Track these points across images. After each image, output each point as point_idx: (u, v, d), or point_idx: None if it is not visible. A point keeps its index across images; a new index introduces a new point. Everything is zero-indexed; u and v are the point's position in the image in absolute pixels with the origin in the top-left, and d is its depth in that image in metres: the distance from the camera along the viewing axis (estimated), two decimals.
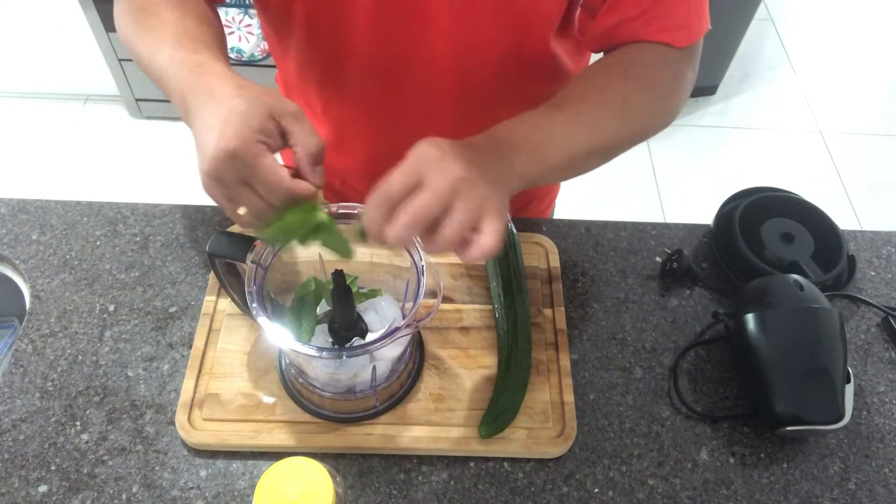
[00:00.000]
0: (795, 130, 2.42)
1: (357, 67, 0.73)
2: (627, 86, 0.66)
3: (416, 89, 0.74)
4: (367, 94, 0.76)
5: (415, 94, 0.75)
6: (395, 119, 0.78)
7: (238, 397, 0.69)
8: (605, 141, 0.65)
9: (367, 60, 0.72)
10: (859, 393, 0.74)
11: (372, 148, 0.83)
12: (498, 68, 0.72)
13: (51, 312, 0.75)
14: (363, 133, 0.82)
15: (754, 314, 0.70)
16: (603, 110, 0.64)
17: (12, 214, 0.84)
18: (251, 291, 0.58)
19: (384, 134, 0.80)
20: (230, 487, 0.65)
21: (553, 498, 0.65)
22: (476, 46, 0.69)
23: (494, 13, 0.66)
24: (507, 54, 0.71)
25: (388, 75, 0.73)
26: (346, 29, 0.69)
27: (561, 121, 0.62)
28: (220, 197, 0.53)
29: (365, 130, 0.82)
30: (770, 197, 0.86)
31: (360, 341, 0.65)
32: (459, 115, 0.75)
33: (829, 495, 0.67)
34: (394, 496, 0.65)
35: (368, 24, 0.68)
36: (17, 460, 0.65)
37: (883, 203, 2.21)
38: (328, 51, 0.73)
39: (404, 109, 0.76)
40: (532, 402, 0.69)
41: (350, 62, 0.73)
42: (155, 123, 2.24)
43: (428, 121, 0.75)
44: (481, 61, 0.71)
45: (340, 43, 0.71)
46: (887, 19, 2.85)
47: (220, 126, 0.50)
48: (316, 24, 0.70)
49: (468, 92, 0.74)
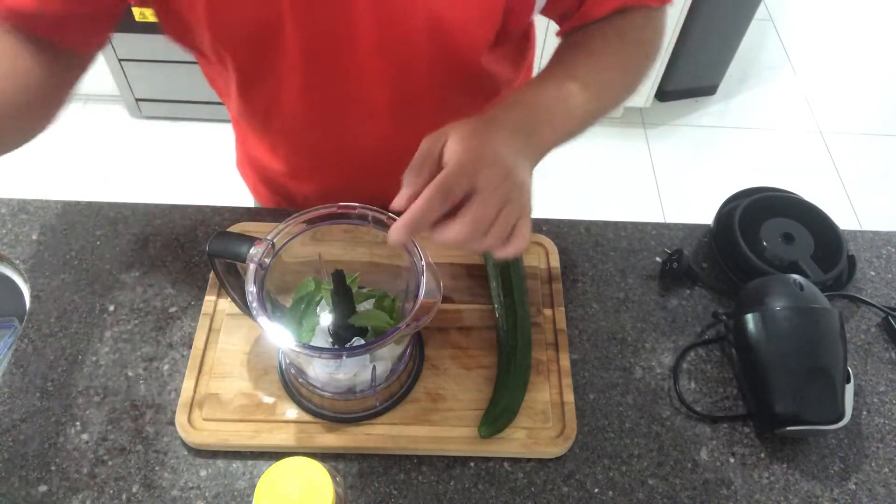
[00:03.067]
0: (795, 130, 2.42)
1: (292, 108, 0.73)
2: (625, 49, 0.69)
3: (355, 111, 0.73)
4: (306, 129, 0.76)
5: (354, 116, 0.74)
6: (339, 145, 0.78)
7: (238, 397, 0.69)
8: (609, 104, 0.68)
9: (301, 94, 0.71)
10: (859, 393, 0.74)
11: (324, 176, 0.85)
12: (431, 85, 0.72)
13: (51, 312, 0.75)
14: (312, 165, 0.83)
15: (754, 314, 0.70)
16: (608, 75, 0.67)
17: (12, 214, 0.84)
18: (251, 291, 0.58)
19: (332, 163, 0.81)
20: (230, 487, 0.65)
21: (553, 498, 0.65)
22: (408, 66, 0.68)
23: (425, 35, 0.65)
24: (440, 72, 0.70)
25: (324, 102, 0.72)
26: (278, 65, 0.67)
27: (576, 90, 0.63)
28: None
29: (312, 162, 0.83)
30: (770, 197, 0.86)
31: (360, 341, 0.65)
32: (398, 130, 0.75)
33: (829, 495, 0.67)
34: (394, 496, 0.65)
35: (299, 61, 0.66)
36: (17, 460, 0.65)
37: (883, 203, 2.21)
38: (263, 98, 0.73)
39: (346, 133, 0.76)
40: (532, 402, 0.69)
41: (284, 101, 0.72)
42: (155, 123, 2.24)
43: (370, 139, 0.76)
44: (415, 79, 0.70)
45: (274, 87, 0.70)
46: (887, 19, 2.85)
47: None
48: (249, 71, 0.69)
49: (404, 108, 0.73)
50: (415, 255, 0.60)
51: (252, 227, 0.82)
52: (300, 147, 0.81)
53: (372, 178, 0.81)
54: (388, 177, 0.69)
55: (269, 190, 0.93)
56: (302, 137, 0.78)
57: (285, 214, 0.72)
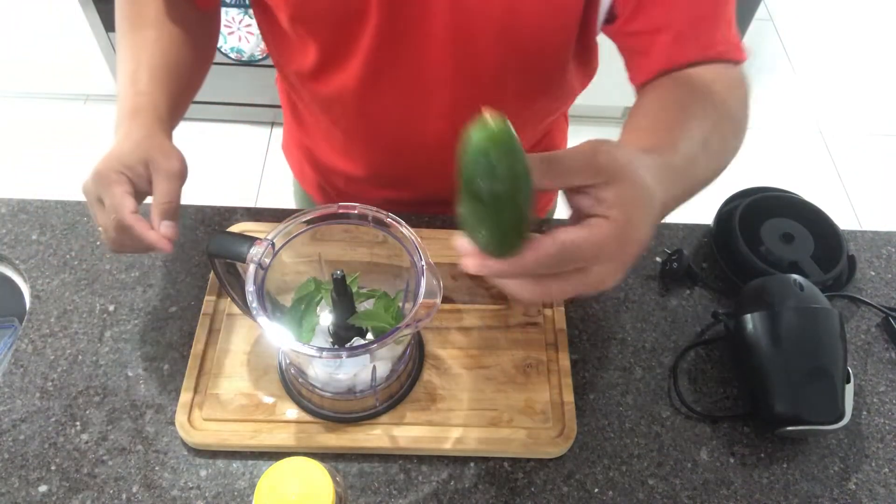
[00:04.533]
0: (795, 130, 2.41)
1: (357, 92, 0.73)
2: (727, 127, 0.61)
3: (417, 105, 0.73)
4: (366, 115, 0.76)
5: (416, 110, 0.74)
6: (395, 137, 0.78)
7: (238, 397, 0.69)
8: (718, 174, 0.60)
9: (369, 80, 0.71)
10: (859, 393, 0.74)
11: (371, 163, 0.84)
12: (496, 86, 0.71)
13: (51, 312, 0.75)
14: (364, 152, 0.83)
15: (754, 314, 0.70)
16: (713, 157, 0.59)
17: (12, 214, 0.84)
18: (251, 291, 0.58)
19: (385, 152, 0.81)
20: (230, 487, 0.65)
21: (553, 498, 0.65)
22: (475, 63, 0.68)
23: (497, 31, 0.65)
24: (507, 74, 0.70)
25: (390, 91, 0.72)
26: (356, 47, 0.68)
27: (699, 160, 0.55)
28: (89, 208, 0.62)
29: (365, 149, 0.82)
30: (770, 197, 0.86)
31: (360, 341, 0.65)
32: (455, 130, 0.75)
33: (829, 495, 0.67)
34: (394, 496, 0.65)
35: (373, 46, 0.67)
36: (17, 460, 0.65)
37: (883, 203, 2.21)
38: (334, 79, 0.73)
39: (404, 127, 0.76)
40: (532, 402, 0.69)
41: (352, 85, 0.72)
42: None
43: (427, 136, 0.76)
44: (480, 78, 0.70)
45: (347, 69, 0.70)
46: (887, 19, 2.85)
47: (105, 155, 0.61)
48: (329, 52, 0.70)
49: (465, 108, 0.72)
50: (415, 255, 0.60)
51: (252, 227, 0.82)
52: (356, 131, 0.80)
53: (422, 169, 0.81)
54: (439, 169, 0.69)
55: (314, 171, 0.94)
56: (361, 122, 0.77)
57: (285, 214, 0.72)
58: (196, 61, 0.74)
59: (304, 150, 0.94)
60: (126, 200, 0.59)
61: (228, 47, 1.96)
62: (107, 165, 0.60)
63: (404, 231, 0.61)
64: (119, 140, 0.63)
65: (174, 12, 0.71)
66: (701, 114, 0.59)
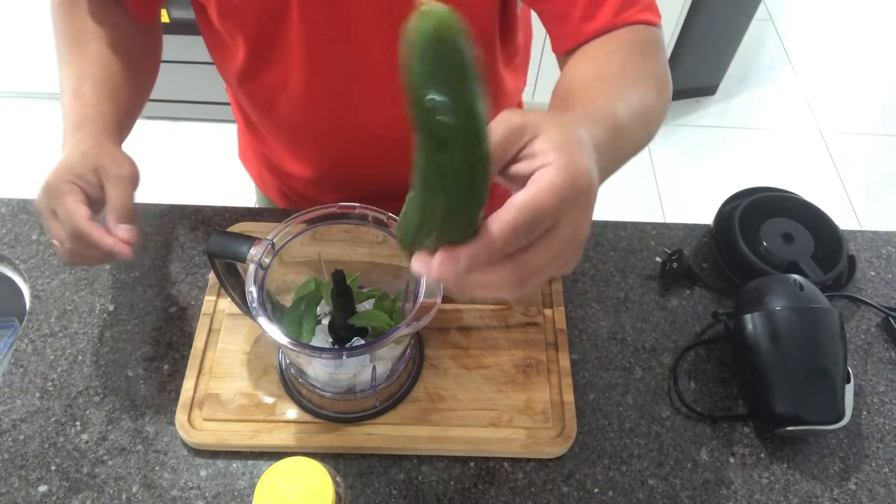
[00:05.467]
0: (795, 130, 2.42)
1: (296, 89, 0.73)
2: (648, 67, 0.62)
3: (358, 94, 0.73)
4: (309, 111, 0.76)
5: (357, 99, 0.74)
6: (340, 129, 0.78)
7: (238, 397, 0.69)
8: (652, 133, 0.60)
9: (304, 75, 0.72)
10: (859, 393, 0.74)
11: (323, 159, 0.84)
12: None
13: (51, 312, 0.75)
14: (313, 148, 0.83)
15: (754, 314, 0.70)
16: (645, 98, 0.59)
17: (12, 214, 0.84)
18: (251, 291, 0.58)
19: (333, 146, 0.81)
20: (230, 487, 0.65)
21: (553, 498, 0.65)
22: None
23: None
24: None
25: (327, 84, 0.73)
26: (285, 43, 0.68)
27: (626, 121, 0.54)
28: (43, 223, 0.63)
29: (314, 145, 0.82)
30: (770, 197, 0.86)
31: (360, 341, 0.65)
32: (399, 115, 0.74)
33: (829, 495, 0.67)
34: (394, 496, 0.65)
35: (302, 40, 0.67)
36: (17, 460, 0.65)
37: (883, 203, 2.21)
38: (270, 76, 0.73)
39: (348, 117, 0.76)
40: (532, 401, 0.69)
41: (289, 82, 0.73)
42: (155, 123, 2.24)
43: (372, 125, 0.76)
44: None
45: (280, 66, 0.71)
46: (887, 19, 2.85)
47: (54, 168, 0.61)
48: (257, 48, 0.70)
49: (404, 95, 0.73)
50: None
51: (252, 227, 0.82)
52: (302, 130, 0.80)
53: (374, 163, 0.80)
54: (390, 162, 0.69)
55: (272, 176, 0.93)
56: (304, 120, 0.78)
57: (285, 214, 0.72)
58: (141, 74, 0.75)
59: (260, 156, 0.94)
60: (79, 209, 0.59)
61: None
62: (57, 177, 0.60)
63: None
64: (67, 152, 0.63)
65: (114, 28, 0.71)
66: (618, 73, 0.59)
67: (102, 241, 0.59)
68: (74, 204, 0.59)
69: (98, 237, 0.59)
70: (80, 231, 0.58)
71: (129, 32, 0.73)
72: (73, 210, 0.58)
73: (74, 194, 0.59)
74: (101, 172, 0.61)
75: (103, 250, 0.59)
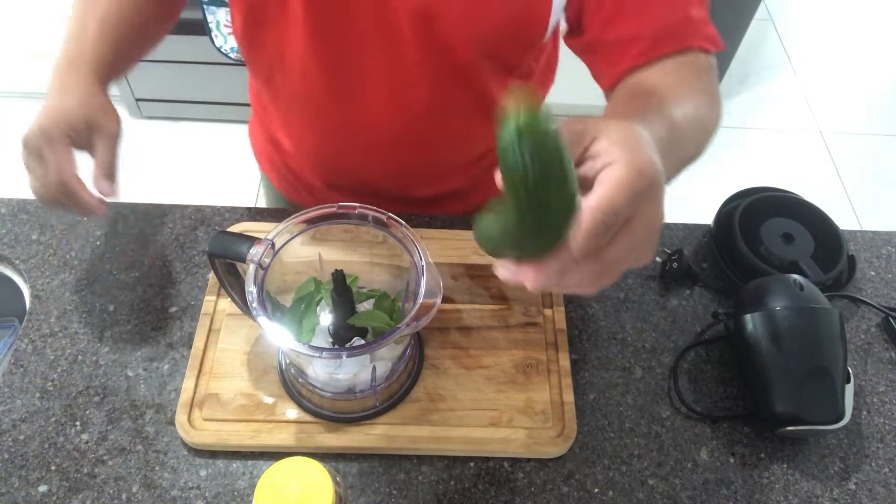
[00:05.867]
0: (795, 130, 2.41)
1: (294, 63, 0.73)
2: (701, 85, 0.62)
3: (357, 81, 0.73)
4: (307, 91, 0.76)
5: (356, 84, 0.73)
6: (338, 115, 0.77)
7: (238, 397, 0.69)
8: (708, 140, 0.61)
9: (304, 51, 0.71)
10: (859, 393, 0.74)
11: (322, 145, 0.83)
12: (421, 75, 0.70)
13: (51, 312, 0.75)
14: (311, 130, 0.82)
15: (754, 314, 0.70)
16: (699, 107, 0.60)
17: (12, 214, 0.84)
18: (251, 291, 0.58)
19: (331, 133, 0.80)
20: (230, 487, 0.65)
21: (553, 498, 0.65)
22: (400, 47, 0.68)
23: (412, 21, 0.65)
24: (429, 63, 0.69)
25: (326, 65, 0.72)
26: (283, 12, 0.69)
27: (682, 123, 0.56)
28: (24, 161, 0.64)
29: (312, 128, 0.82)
30: (770, 197, 0.86)
31: (360, 341, 0.65)
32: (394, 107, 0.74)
33: (829, 495, 0.67)
34: (394, 496, 0.65)
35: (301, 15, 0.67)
36: (17, 460, 0.65)
37: (883, 203, 2.21)
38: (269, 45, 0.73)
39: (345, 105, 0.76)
40: (532, 401, 0.69)
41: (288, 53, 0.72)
42: (155, 123, 2.24)
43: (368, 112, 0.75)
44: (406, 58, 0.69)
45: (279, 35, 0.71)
46: (887, 19, 2.85)
47: (47, 109, 0.64)
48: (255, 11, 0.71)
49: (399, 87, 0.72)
50: (415, 254, 0.60)
51: (252, 227, 0.82)
52: (297, 103, 0.79)
53: (370, 150, 0.80)
54: (384, 151, 0.68)
55: (272, 151, 0.93)
56: (302, 92, 0.77)
57: (285, 214, 0.72)
58: (154, 18, 0.76)
59: (263, 130, 0.93)
60: (69, 161, 0.63)
61: (229, 47, 1.96)
62: (52, 122, 0.63)
63: (404, 231, 0.61)
64: (58, 93, 0.65)
65: None
66: (672, 86, 0.60)
67: (85, 197, 0.62)
68: (65, 154, 0.62)
69: (82, 194, 0.62)
70: (67, 183, 0.62)
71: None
72: (63, 160, 0.62)
73: (65, 144, 0.63)
74: (93, 126, 0.64)
75: (81, 206, 0.63)
